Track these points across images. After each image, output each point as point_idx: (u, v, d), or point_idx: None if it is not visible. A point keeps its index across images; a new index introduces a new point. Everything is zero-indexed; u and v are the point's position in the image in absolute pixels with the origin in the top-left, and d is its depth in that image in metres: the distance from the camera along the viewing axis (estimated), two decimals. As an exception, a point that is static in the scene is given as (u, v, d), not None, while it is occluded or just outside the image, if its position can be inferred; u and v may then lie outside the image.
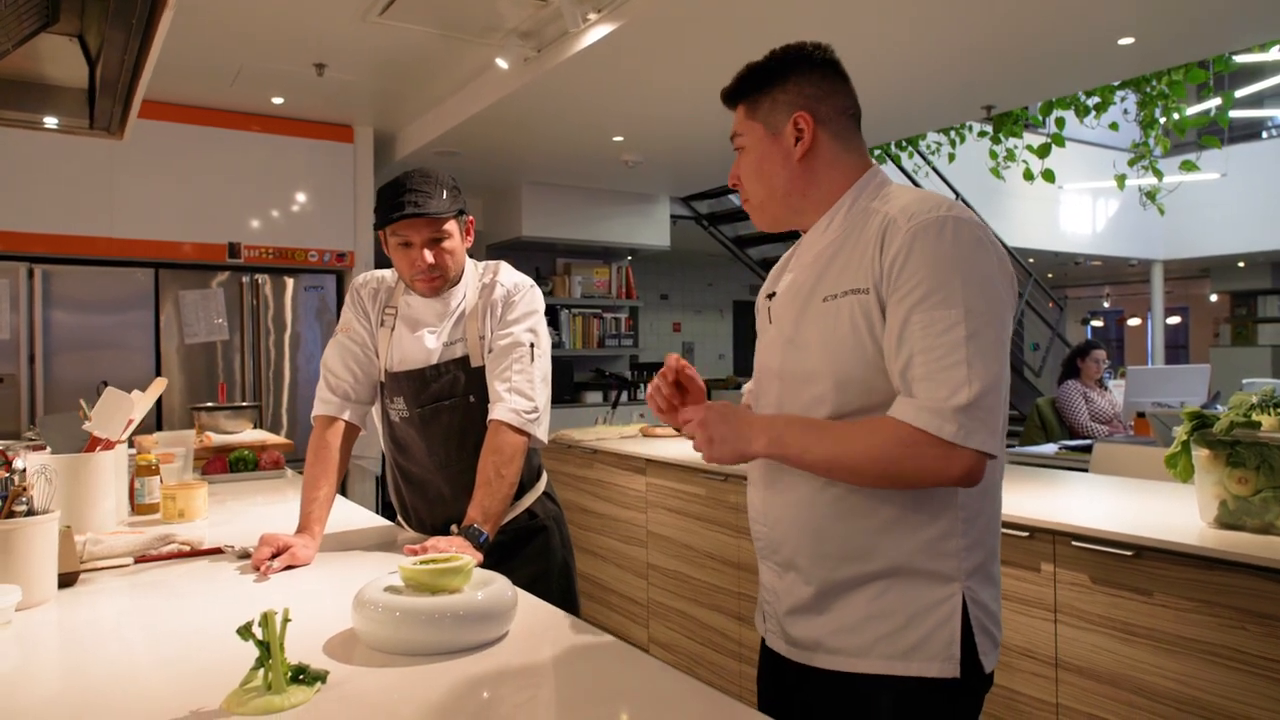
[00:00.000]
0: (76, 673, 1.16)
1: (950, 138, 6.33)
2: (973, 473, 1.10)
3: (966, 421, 1.07)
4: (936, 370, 1.09)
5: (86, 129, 2.78)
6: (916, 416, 1.09)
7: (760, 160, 1.29)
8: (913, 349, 1.11)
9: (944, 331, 1.10)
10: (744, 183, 1.33)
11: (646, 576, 3.64)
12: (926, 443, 1.08)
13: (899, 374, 1.13)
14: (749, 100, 1.30)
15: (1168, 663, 1.91)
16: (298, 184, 5.12)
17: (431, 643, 1.17)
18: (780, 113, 1.27)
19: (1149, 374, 5.40)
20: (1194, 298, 14.79)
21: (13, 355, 4.26)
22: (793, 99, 1.27)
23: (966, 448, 1.08)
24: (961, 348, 1.09)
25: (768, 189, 1.30)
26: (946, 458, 1.08)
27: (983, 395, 1.08)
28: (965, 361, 1.09)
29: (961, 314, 1.10)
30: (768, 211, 1.33)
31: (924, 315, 1.11)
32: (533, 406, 1.81)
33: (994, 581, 1.23)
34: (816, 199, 1.29)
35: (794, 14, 3.27)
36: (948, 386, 1.08)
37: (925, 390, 1.09)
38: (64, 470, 1.80)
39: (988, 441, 1.09)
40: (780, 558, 1.29)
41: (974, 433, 1.08)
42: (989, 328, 1.11)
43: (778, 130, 1.27)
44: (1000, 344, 1.13)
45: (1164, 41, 3.71)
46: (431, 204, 1.78)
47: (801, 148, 1.26)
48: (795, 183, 1.28)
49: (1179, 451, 2.07)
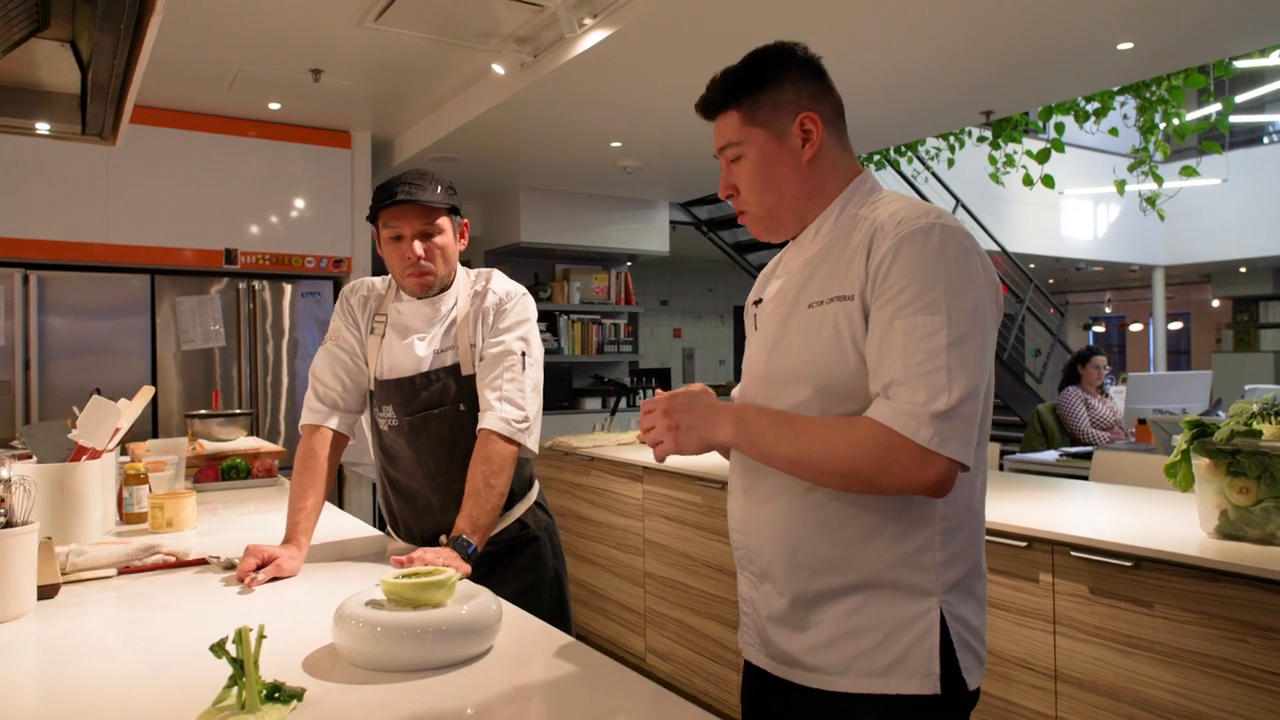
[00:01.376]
0: (47, 689, 1.14)
1: (949, 143, 6.31)
2: (944, 482, 1.07)
3: (942, 428, 1.05)
4: (916, 375, 1.07)
5: (79, 135, 2.76)
6: (893, 418, 1.07)
7: (768, 167, 1.24)
8: (894, 353, 1.09)
9: (926, 337, 1.08)
10: (745, 193, 1.27)
11: (644, 585, 3.61)
12: (900, 446, 1.06)
13: (879, 377, 1.11)
14: (744, 105, 1.25)
15: (1168, 675, 1.88)
16: (295, 190, 5.10)
17: (413, 659, 1.14)
18: (783, 115, 1.23)
19: (1150, 380, 5.37)
20: (1196, 303, 14.76)
21: (8, 361, 4.24)
22: (793, 100, 1.23)
23: (940, 455, 1.05)
24: (943, 354, 1.07)
25: (776, 195, 1.25)
26: (919, 463, 1.06)
27: (960, 403, 1.06)
28: (946, 368, 1.07)
29: (945, 321, 1.08)
30: (776, 219, 1.28)
31: (907, 320, 1.09)
32: (523, 416, 1.79)
33: (976, 597, 1.20)
34: (818, 202, 1.26)
35: (790, 18, 3.25)
36: (926, 391, 1.06)
37: (903, 394, 1.07)
38: (49, 480, 1.79)
39: (961, 451, 1.06)
40: (756, 567, 1.27)
41: (948, 440, 1.05)
42: (972, 337, 1.09)
43: (782, 134, 1.23)
44: (982, 354, 1.11)
45: (1163, 46, 3.69)
46: (424, 195, 1.78)
47: (811, 149, 1.23)
48: (804, 186, 1.25)
49: (1179, 460, 2.04)
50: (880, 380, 1.10)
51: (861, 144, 5.55)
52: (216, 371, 4.80)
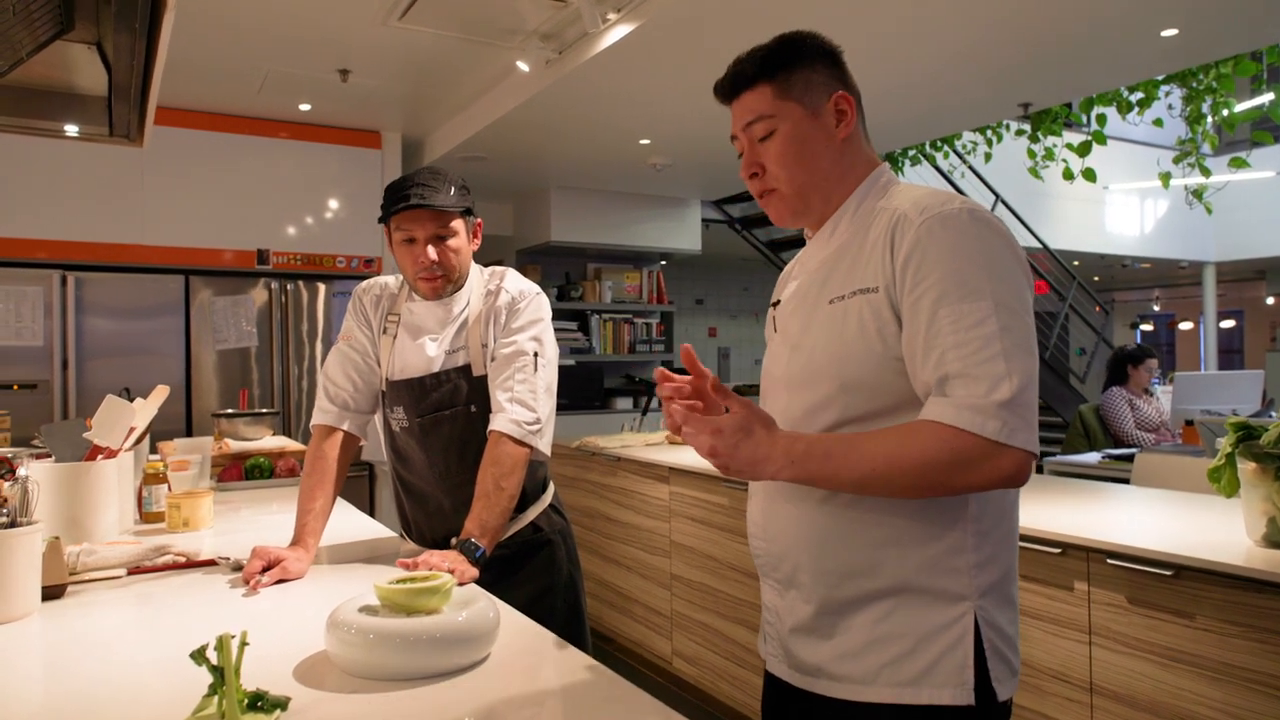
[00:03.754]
0: (38, 692, 1.12)
1: (987, 137, 6.15)
2: (1020, 472, 1.02)
3: (1010, 418, 1.00)
4: (973, 365, 1.02)
5: (106, 136, 2.78)
6: (958, 416, 1.01)
7: (802, 142, 1.19)
8: (944, 345, 1.04)
9: (975, 325, 1.03)
10: (775, 169, 1.21)
11: (670, 587, 3.57)
12: (970, 444, 1.00)
13: (930, 374, 1.05)
14: (778, 79, 1.20)
15: (1210, 690, 1.78)
16: (327, 191, 5.14)
17: (406, 667, 1.11)
18: (817, 92, 1.20)
19: (1198, 380, 5.19)
20: (1249, 300, 14.31)
21: (46, 361, 4.32)
22: (826, 80, 1.20)
23: (1011, 446, 1.00)
24: (996, 340, 1.02)
25: (809, 172, 1.20)
26: (991, 458, 1.00)
27: (1022, 390, 1.01)
28: (1003, 355, 1.02)
29: (991, 306, 1.03)
30: (804, 199, 1.22)
31: (951, 309, 1.04)
32: (534, 418, 1.75)
33: (1011, 603, 1.15)
34: (846, 186, 1.22)
35: (816, 8, 3.18)
36: (987, 382, 1.01)
37: (963, 387, 1.02)
38: (64, 479, 1.79)
39: (1030, 439, 1.02)
40: (780, 575, 1.22)
41: (1018, 430, 1.00)
42: (1019, 320, 1.04)
43: (817, 110, 1.19)
44: (1031, 338, 1.06)
45: (1210, 33, 3.54)
46: (438, 197, 1.74)
47: (846, 128, 1.20)
48: (836, 166, 1.21)
49: (1223, 464, 1.94)
50: (932, 374, 1.05)
51: (895, 139, 5.44)
52: (254, 371, 4.85)
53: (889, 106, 4.44)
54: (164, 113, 4.58)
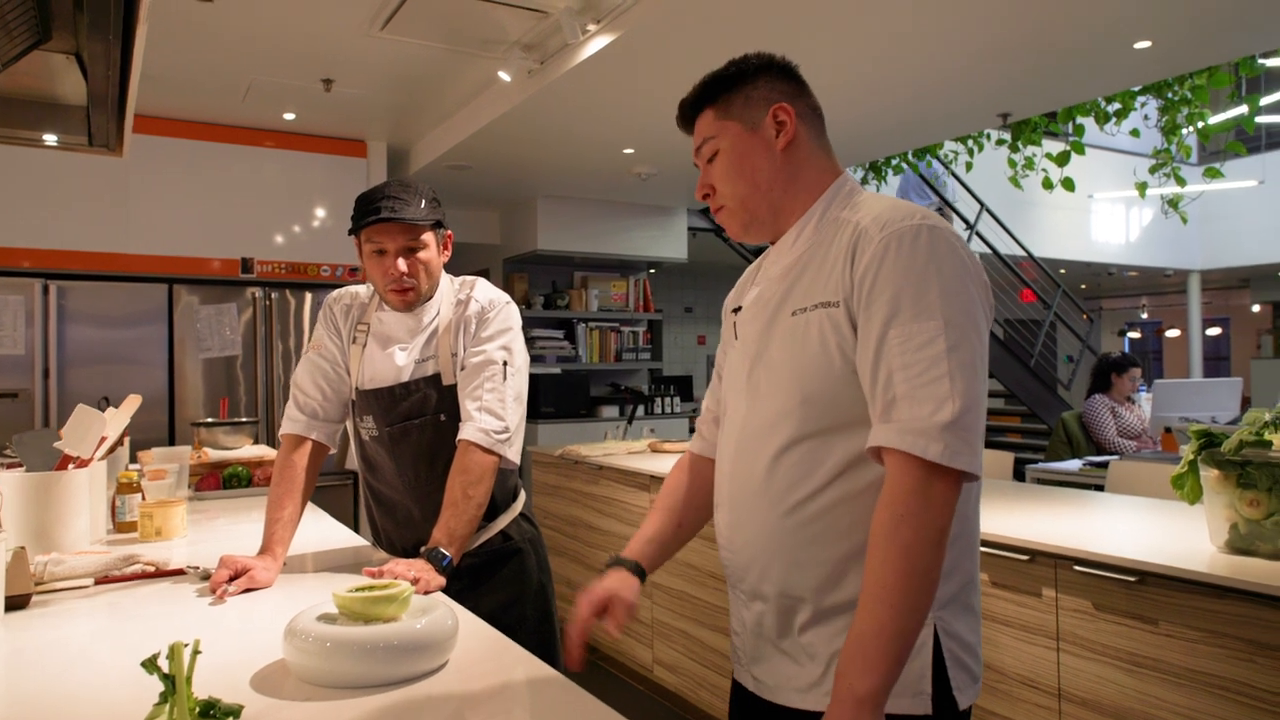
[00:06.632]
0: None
1: (968, 146, 6.20)
2: (954, 498, 1.03)
3: (952, 440, 1.00)
4: (918, 387, 1.03)
5: (85, 146, 2.78)
6: (900, 439, 1.02)
7: (740, 157, 1.22)
8: (891, 365, 1.05)
9: (923, 345, 1.04)
10: (719, 185, 1.25)
11: (650, 596, 3.57)
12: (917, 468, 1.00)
13: (877, 394, 1.06)
14: (719, 103, 1.25)
15: (1175, 696, 1.80)
16: (312, 199, 5.14)
17: (363, 675, 1.12)
18: (756, 108, 1.22)
19: (1178, 387, 5.22)
20: (1235, 308, 14.40)
21: (27, 370, 4.30)
22: (766, 94, 1.23)
23: (952, 469, 1.01)
24: (943, 361, 1.03)
25: (750, 184, 1.22)
26: (941, 478, 1.01)
27: (965, 411, 1.02)
28: (948, 375, 1.02)
29: (941, 326, 1.04)
30: (748, 209, 1.24)
31: (901, 329, 1.05)
32: (503, 427, 1.76)
33: (972, 611, 1.16)
34: (797, 195, 1.23)
35: (796, 21, 3.20)
36: (931, 403, 1.02)
37: (906, 410, 1.03)
38: (33, 489, 1.79)
39: (973, 462, 1.02)
40: (746, 585, 1.23)
41: (959, 453, 1.01)
42: (968, 340, 1.05)
43: (756, 125, 1.22)
44: (980, 357, 1.07)
45: (1182, 45, 3.59)
46: (408, 210, 1.75)
47: (785, 138, 1.21)
48: (779, 175, 1.22)
49: (1186, 471, 1.96)
50: (881, 398, 1.06)
51: (876, 149, 5.48)
52: (239, 379, 4.84)
53: (869, 117, 4.48)
54: (148, 121, 4.59)
